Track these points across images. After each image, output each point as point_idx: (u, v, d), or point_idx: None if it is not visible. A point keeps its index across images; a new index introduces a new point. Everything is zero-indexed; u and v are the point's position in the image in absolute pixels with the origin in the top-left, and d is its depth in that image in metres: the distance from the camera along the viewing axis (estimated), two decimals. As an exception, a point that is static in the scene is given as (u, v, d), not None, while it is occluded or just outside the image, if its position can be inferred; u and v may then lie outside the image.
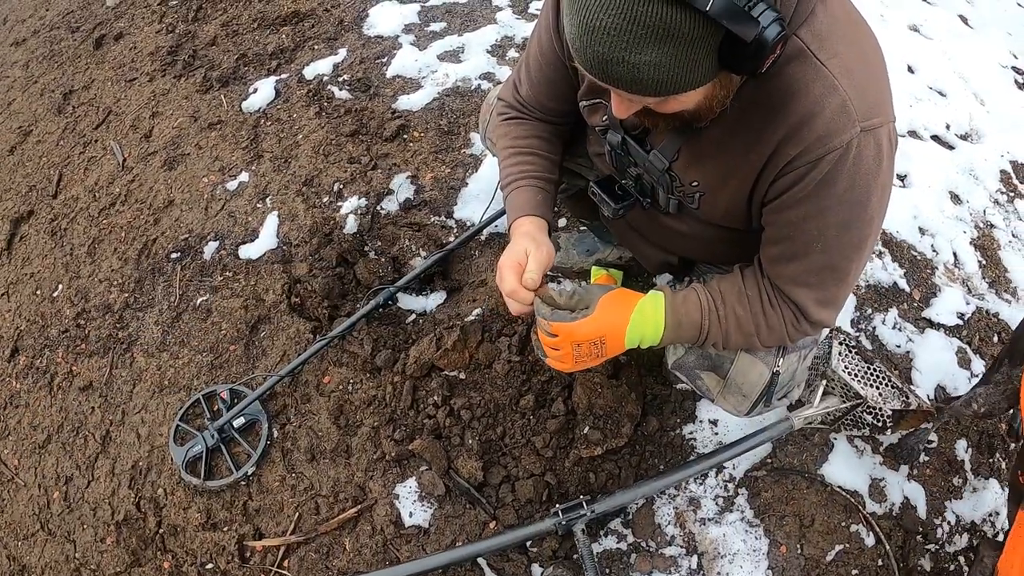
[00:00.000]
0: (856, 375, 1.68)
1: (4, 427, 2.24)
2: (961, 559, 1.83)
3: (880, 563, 1.75)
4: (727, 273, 1.37)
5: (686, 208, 1.28)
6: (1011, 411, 1.70)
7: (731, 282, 1.27)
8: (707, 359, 1.40)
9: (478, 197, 2.38)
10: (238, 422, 1.95)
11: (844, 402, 1.71)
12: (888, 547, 1.75)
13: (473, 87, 2.74)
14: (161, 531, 1.89)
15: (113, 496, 1.97)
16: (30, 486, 2.09)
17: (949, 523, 1.86)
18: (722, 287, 1.26)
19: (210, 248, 2.38)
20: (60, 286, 2.48)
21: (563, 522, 1.64)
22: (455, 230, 2.34)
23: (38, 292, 2.51)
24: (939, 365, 2.09)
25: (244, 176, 2.56)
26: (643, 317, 1.25)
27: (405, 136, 2.61)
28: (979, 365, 2.11)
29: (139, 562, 1.87)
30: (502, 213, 2.20)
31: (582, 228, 2.19)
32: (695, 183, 1.19)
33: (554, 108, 1.41)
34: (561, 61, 1.29)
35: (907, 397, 1.69)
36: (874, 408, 1.70)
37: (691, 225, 1.34)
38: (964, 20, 3.59)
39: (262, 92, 2.83)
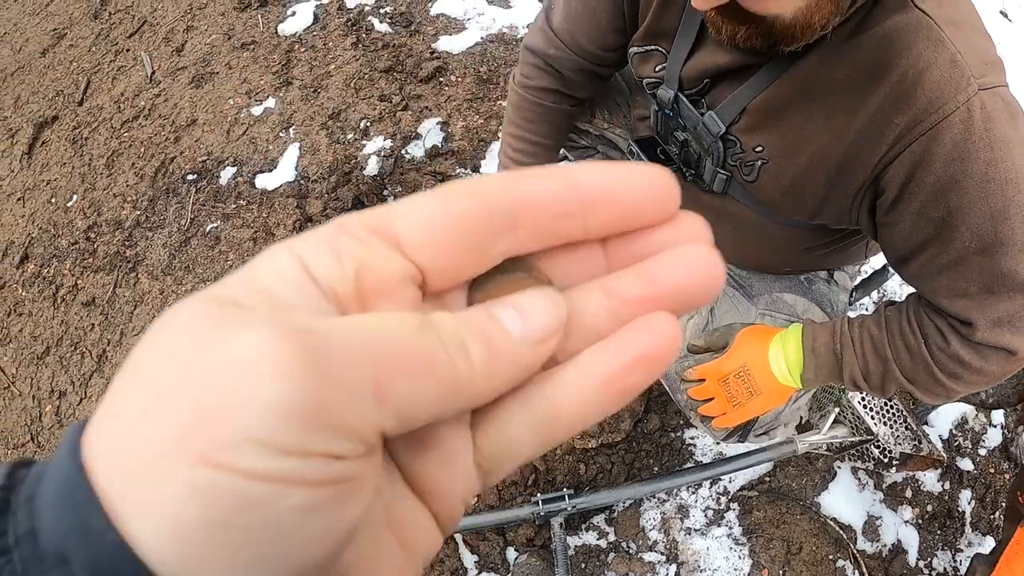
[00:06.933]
0: (871, 410, 1.58)
1: (6, 334, 2.24)
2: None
3: (862, 604, 1.67)
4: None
5: (736, 184, 1.11)
6: (1020, 406, 1.66)
7: (874, 310, 1.12)
8: None
9: (507, 155, 2.26)
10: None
11: (853, 434, 1.61)
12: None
13: (519, 35, 2.58)
14: (145, 459, 1.89)
15: (103, 417, 1.97)
16: (24, 396, 2.10)
17: (937, 574, 1.76)
18: (863, 315, 1.11)
19: (227, 173, 2.31)
20: (75, 196, 2.45)
21: (542, 512, 1.59)
22: (479, 185, 2.23)
23: (53, 200, 2.47)
24: (956, 408, 1.95)
25: (271, 102, 2.46)
26: (784, 341, 1.13)
27: (441, 79, 2.48)
28: (998, 415, 1.96)
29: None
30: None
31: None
32: (759, 148, 1.01)
33: (588, 52, 1.20)
34: None
35: (919, 441, 1.58)
36: (883, 444, 1.60)
37: (736, 207, 1.17)
38: (1004, 15, 3.27)
39: (300, 16, 2.70)
